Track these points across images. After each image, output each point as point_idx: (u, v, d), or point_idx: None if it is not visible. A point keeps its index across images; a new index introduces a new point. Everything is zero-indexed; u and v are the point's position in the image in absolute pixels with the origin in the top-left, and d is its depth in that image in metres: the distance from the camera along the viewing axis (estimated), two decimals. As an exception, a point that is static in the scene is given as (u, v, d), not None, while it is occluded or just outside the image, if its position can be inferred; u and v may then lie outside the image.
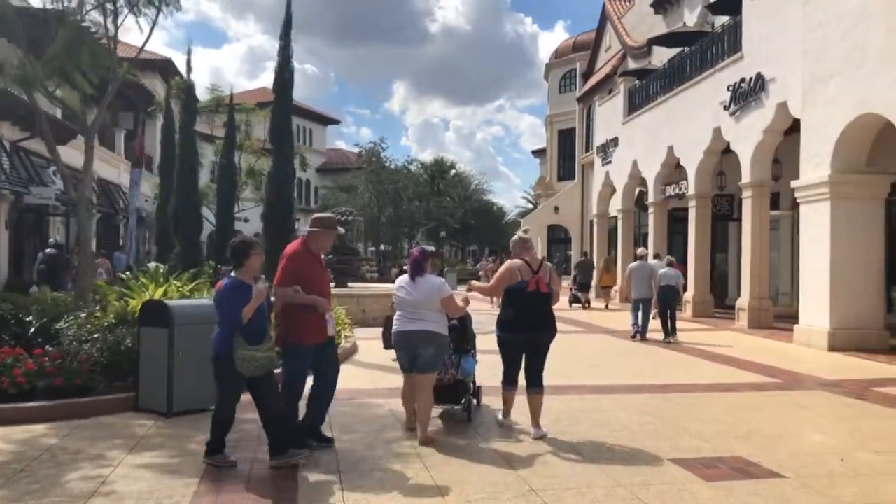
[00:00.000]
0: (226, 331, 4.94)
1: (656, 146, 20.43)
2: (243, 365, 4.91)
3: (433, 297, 5.75)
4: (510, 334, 6.02)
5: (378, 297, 15.20)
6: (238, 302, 4.88)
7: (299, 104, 66.09)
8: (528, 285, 5.93)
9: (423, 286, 5.77)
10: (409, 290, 5.81)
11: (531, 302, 5.94)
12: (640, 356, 11.09)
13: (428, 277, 5.85)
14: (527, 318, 5.95)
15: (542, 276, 6.01)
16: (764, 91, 14.72)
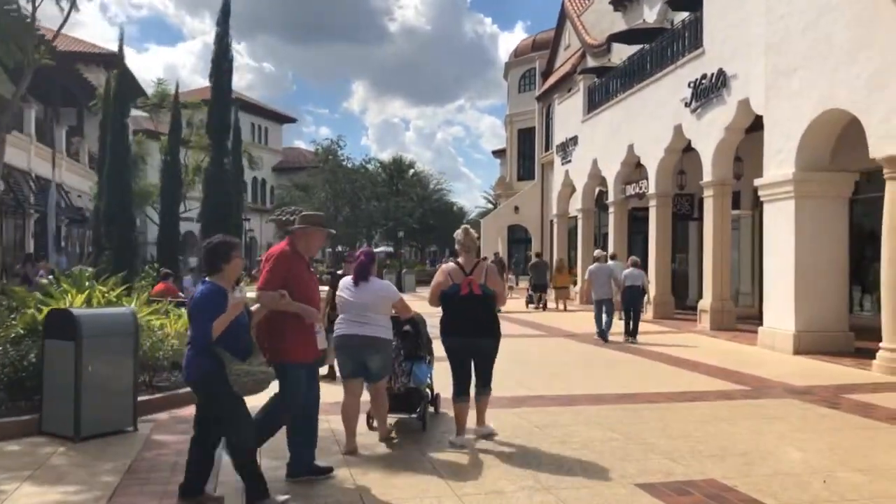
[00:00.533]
0: (198, 345, 4.16)
1: (616, 145, 20.06)
2: (239, 381, 4.16)
3: (381, 300, 5.52)
4: (447, 338, 5.81)
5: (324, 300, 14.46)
6: (216, 313, 4.12)
7: (255, 102, 65.07)
8: (460, 289, 5.66)
9: (370, 288, 5.51)
10: (353, 291, 5.53)
11: (465, 306, 5.66)
12: (602, 362, 10.58)
13: (374, 280, 5.59)
14: (461, 322, 5.68)
15: (475, 278, 5.70)
16: (726, 87, 14.39)
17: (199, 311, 4.15)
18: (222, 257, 4.27)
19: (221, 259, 4.27)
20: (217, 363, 4.10)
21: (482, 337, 5.72)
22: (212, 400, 4.25)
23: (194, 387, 4.32)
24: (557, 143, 25.92)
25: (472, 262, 5.82)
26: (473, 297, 5.66)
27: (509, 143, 41.18)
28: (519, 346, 11.66)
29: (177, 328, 8.78)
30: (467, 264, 5.78)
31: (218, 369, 4.10)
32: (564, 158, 24.97)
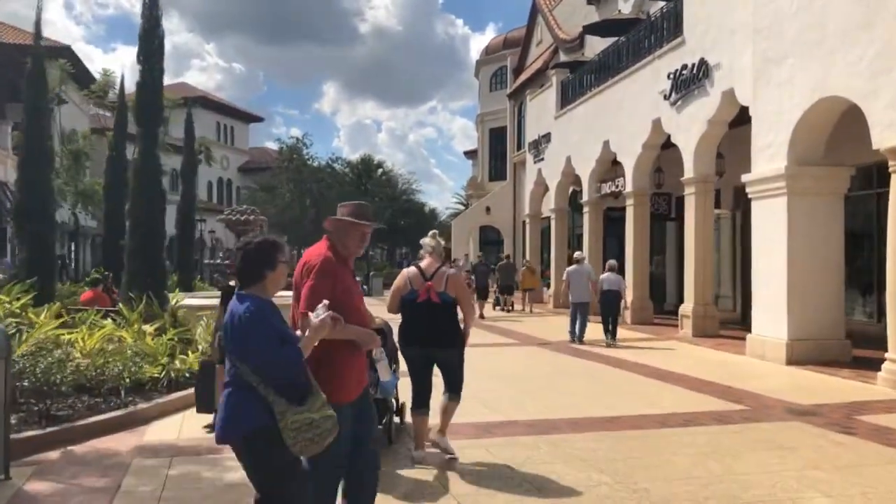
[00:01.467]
0: (271, 386, 2.95)
1: (591, 141, 19.13)
2: (300, 438, 2.95)
3: None
4: (405, 347, 5.49)
5: (284, 309, 13.24)
6: (275, 337, 2.97)
7: (219, 100, 63.40)
8: (418, 295, 5.32)
9: None
10: None
11: (422, 313, 5.32)
12: (581, 376, 9.54)
13: None
14: (418, 330, 5.36)
15: (436, 283, 5.32)
16: (708, 78, 13.49)
17: (252, 338, 2.94)
18: (267, 262, 3.11)
19: (265, 264, 3.11)
20: (270, 412, 2.94)
21: (441, 348, 5.38)
22: (260, 468, 3.03)
23: (238, 448, 3.05)
24: (530, 140, 24.95)
25: (434, 267, 5.40)
26: (431, 305, 5.28)
27: (481, 142, 40.23)
28: (488, 358, 10.61)
29: (91, 344, 7.57)
30: (428, 269, 5.38)
31: (272, 421, 2.93)
32: (537, 156, 24.01)
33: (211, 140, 58.13)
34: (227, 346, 3.06)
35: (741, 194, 16.34)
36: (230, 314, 3.04)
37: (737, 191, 16.37)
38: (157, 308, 9.07)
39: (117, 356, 7.53)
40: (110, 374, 7.05)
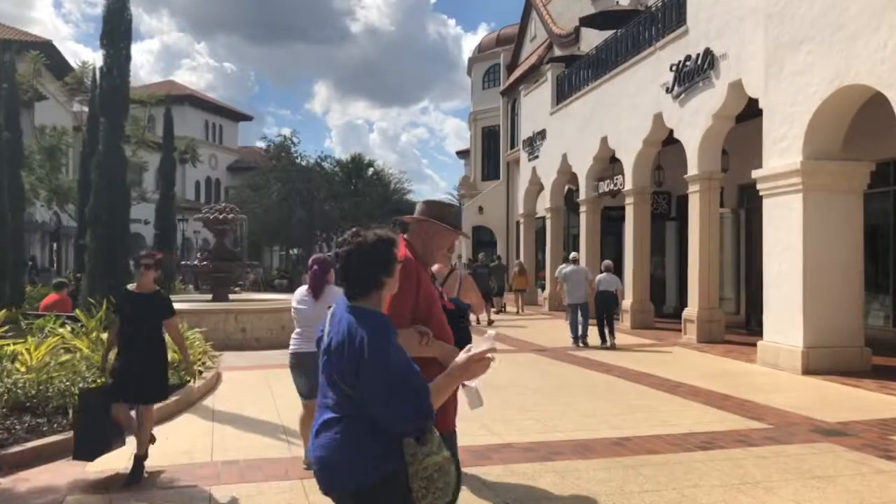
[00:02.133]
0: (406, 420, 2.25)
1: (588, 137, 18.40)
2: (432, 487, 2.27)
3: None
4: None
5: (262, 313, 12.47)
6: (409, 375, 2.27)
7: (208, 98, 62.44)
8: None
9: (328, 298, 5.00)
10: (309, 302, 5.20)
11: None
12: (583, 388, 8.78)
13: (331, 289, 5.16)
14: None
15: (449, 288, 4.83)
16: (713, 69, 12.77)
17: (382, 375, 2.23)
18: (385, 265, 2.41)
19: (383, 267, 2.41)
20: (399, 453, 2.26)
21: None
22: None
23: (354, 501, 2.32)
24: (524, 137, 24.21)
25: (447, 270, 5.03)
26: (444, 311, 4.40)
27: (473, 141, 39.54)
28: (482, 367, 9.82)
29: (38, 356, 6.77)
30: (440, 273, 4.89)
31: (401, 466, 2.26)
32: (531, 154, 23.27)
33: (199, 139, 57.43)
34: (331, 370, 2.34)
35: (746, 192, 15.70)
36: (346, 335, 2.28)
37: (741, 189, 15.70)
38: (119, 315, 8.25)
39: (67, 370, 6.72)
40: (55, 391, 6.24)
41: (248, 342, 12.12)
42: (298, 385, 5.26)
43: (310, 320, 5.05)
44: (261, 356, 11.19)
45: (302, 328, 5.19)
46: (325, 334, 2.39)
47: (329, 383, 2.35)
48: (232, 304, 12.60)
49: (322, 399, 2.38)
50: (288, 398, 7.69)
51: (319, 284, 5.18)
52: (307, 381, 5.09)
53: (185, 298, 14.45)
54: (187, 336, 8.95)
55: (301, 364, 5.14)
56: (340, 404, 2.30)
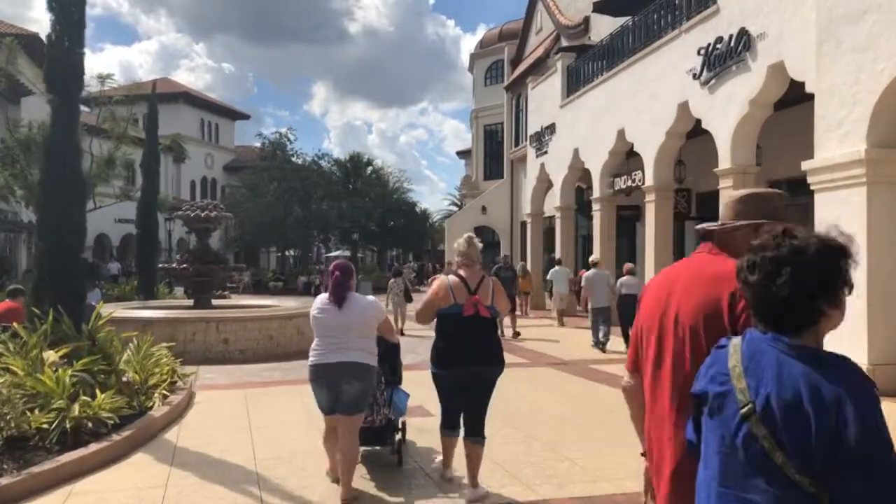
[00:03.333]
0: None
1: (603, 130, 17.12)
2: None
3: (364, 320, 4.74)
4: (444, 369, 4.83)
5: (247, 322, 11.16)
6: None
7: (204, 96, 61.13)
8: (463, 309, 4.72)
9: (351, 306, 4.70)
10: (331, 311, 4.72)
11: (469, 330, 4.73)
12: (620, 416, 7.47)
13: (354, 296, 4.79)
14: (463, 349, 4.73)
15: (482, 296, 4.77)
16: (750, 51, 11.49)
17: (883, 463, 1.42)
18: (829, 287, 1.58)
19: (826, 292, 1.57)
20: None
21: (487, 365, 4.80)
22: None
23: None
24: (531, 132, 22.91)
25: (478, 276, 4.84)
26: (479, 320, 4.74)
27: (475, 139, 38.31)
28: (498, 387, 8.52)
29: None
30: (472, 279, 4.80)
31: None
32: (539, 150, 21.98)
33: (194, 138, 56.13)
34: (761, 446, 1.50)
35: (777, 188, 14.41)
36: (807, 395, 1.46)
37: (770, 186, 14.38)
38: (70, 327, 6.96)
39: (-10, 398, 5.42)
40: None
41: (231, 355, 10.82)
42: (320, 399, 4.83)
43: (332, 330, 4.68)
44: (244, 372, 9.90)
45: (322, 338, 4.74)
46: (734, 383, 1.57)
47: (752, 466, 1.51)
48: (212, 312, 11.28)
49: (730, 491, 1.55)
50: (268, 431, 6.40)
51: (342, 292, 4.70)
52: (329, 395, 4.72)
53: (162, 305, 13.16)
54: (150, 353, 7.66)
55: (323, 376, 4.71)
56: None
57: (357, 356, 4.63)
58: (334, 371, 4.62)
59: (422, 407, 7.31)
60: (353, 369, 4.61)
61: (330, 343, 4.66)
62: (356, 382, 4.62)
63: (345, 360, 4.59)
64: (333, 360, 4.62)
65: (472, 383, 4.78)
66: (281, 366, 10.40)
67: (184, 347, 10.68)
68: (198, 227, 12.07)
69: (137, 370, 7.07)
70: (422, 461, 5.57)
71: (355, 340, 4.65)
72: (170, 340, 10.50)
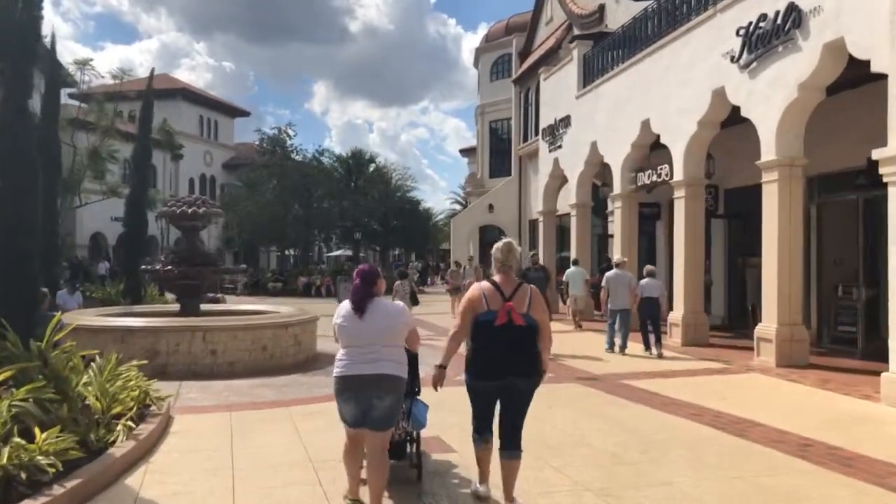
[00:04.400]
0: None
1: (625, 122, 15.91)
2: None
3: (393, 329, 4.46)
4: (477, 380, 4.53)
5: (238, 331, 9.94)
6: None
7: (202, 92, 59.92)
8: (496, 317, 4.42)
9: (378, 314, 4.42)
10: (357, 319, 4.39)
11: (502, 338, 4.41)
12: (675, 448, 6.24)
13: (380, 303, 4.47)
14: (497, 359, 4.44)
15: (517, 303, 4.46)
16: (800, 28, 10.28)
17: None
18: None
19: None
20: None
21: (523, 376, 4.46)
22: None
23: None
24: (544, 126, 21.67)
25: (513, 283, 4.56)
26: (513, 328, 4.42)
27: (480, 136, 37.14)
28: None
29: None
30: (506, 286, 4.53)
31: None
32: (553, 144, 20.76)
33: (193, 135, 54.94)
34: None
35: (820, 183, 13.23)
36: None
37: (815, 180, 13.16)
38: (17, 343, 5.77)
39: None
40: None
41: (220, 368, 9.62)
42: (344, 412, 4.50)
43: (356, 339, 4.44)
44: (232, 390, 8.70)
45: (349, 348, 4.46)
46: None
47: None
48: (199, 320, 10.06)
49: None
50: (254, 475, 5.19)
51: (363, 301, 4.42)
52: (356, 408, 4.41)
53: (146, 310, 11.97)
54: (118, 372, 6.46)
55: (351, 389, 4.41)
56: None
57: (388, 367, 4.36)
58: (364, 384, 4.34)
59: (439, 439, 6.13)
60: (384, 382, 4.35)
61: (357, 353, 4.38)
62: (388, 396, 4.36)
63: (375, 372, 4.33)
64: (362, 371, 4.33)
65: (507, 395, 4.52)
66: (274, 382, 9.20)
67: (166, 360, 9.51)
68: (184, 224, 10.87)
69: (99, 396, 5.87)
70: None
71: (384, 350, 4.38)
72: (151, 352, 9.35)
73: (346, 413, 4.46)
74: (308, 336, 10.99)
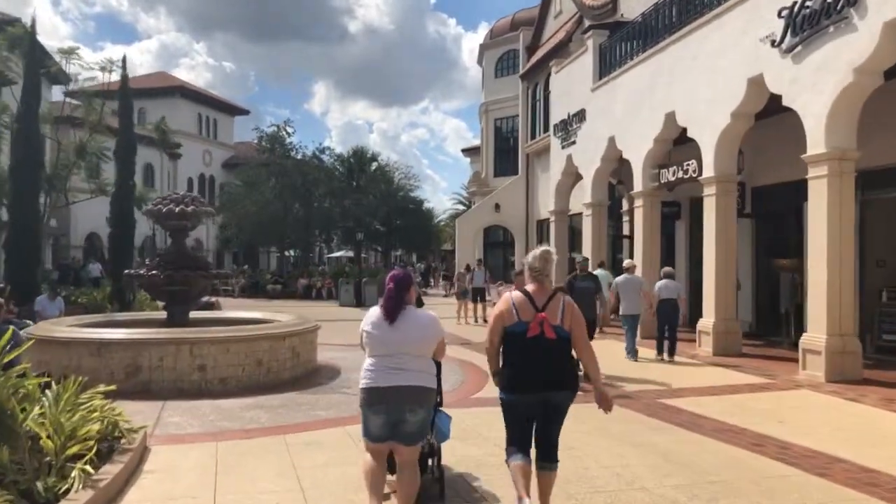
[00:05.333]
0: None
1: (647, 115, 14.88)
2: None
3: (424, 339, 4.29)
4: (510, 394, 4.30)
5: (230, 344, 8.90)
6: None
7: (201, 90, 58.82)
8: (528, 328, 4.18)
9: (409, 323, 4.24)
10: (387, 327, 4.21)
11: (534, 352, 4.18)
12: (743, 492, 5.21)
13: (412, 311, 4.29)
14: (529, 373, 4.21)
15: (551, 314, 4.21)
16: (855, 6, 9.24)
17: None
18: None
19: None
20: None
21: (558, 390, 4.23)
22: None
23: None
24: (556, 121, 20.62)
25: (547, 293, 4.28)
26: (545, 341, 4.16)
27: (485, 134, 36.11)
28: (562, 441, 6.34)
29: None
30: (539, 296, 4.25)
31: None
32: (566, 140, 19.71)
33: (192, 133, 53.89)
34: None
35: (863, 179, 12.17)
36: None
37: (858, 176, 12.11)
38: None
39: None
40: None
41: (209, 385, 8.59)
42: (370, 426, 4.22)
43: (384, 348, 4.19)
44: (222, 411, 7.67)
45: (377, 358, 4.21)
46: None
47: None
48: (186, 331, 8.96)
49: None
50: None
51: (395, 307, 4.22)
52: (386, 423, 4.15)
53: (130, 319, 10.92)
54: (80, 400, 5.42)
55: (380, 402, 4.15)
56: None
57: (419, 379, 4.20)
58: (394, 397, 4.16)
59: (469, 481, 5.12)
60: (415, 395, 4.19)
61: (386, 363, 4.19)
62: (420, 409, 4.22)
63: (406, 384, 4.15)
64: (391, 383, 4.15)
65: (541, 410, 4.30)
66: (270, 401, 8.17)
67: (149, 376, 8.48)
68: (171, 224, 9.83)
69: (52, 432, 4.84)
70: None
71: (414, 361, 4.21)
72: (132, 368, 8.33)
73: (372, 426, 4.23)
74: (307, 347, 9.96)
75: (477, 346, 12.79)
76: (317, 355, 10.53)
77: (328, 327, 16.45)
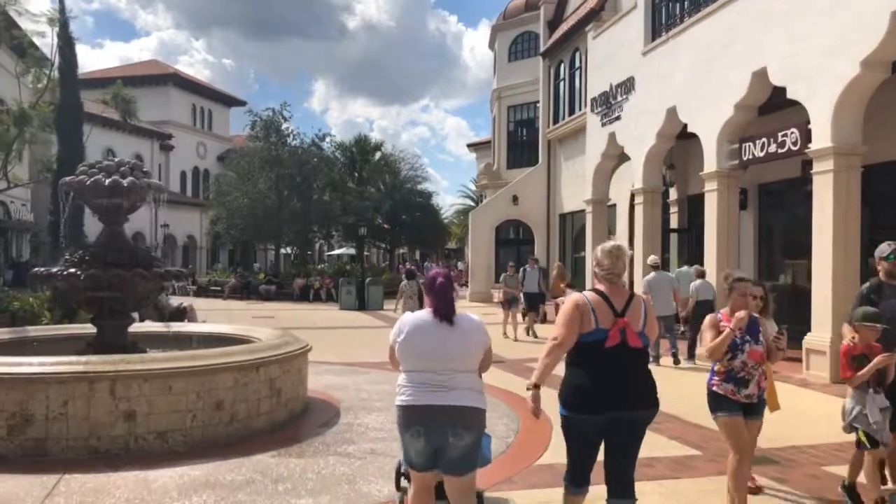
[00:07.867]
0: None
1: (723, 76, 11.91)
2: None
3: (471, 348, 3.59)
4: (581, 413, 3.59)
5: (173, 378, 5.89)
6: None
7: (195, 80, 55.91)
8: (607, 337, 3.55)
9: (457, 329, 3.55)
10: (432, 335, 3.54)
11: (613, 363, 3.56)
12: None
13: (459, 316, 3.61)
14: (607, 388, 3.54)
15: (632, 320, 3.61)
16: None
17: None
18: None
19: None
20: None
21: (636, 409, 3.58)
22: None
23: None
24: (594, 94, 17.62)
25: (624, 295, 3.67)
26: (627, 351, 3.57)
27: (497, 123, 33.21)
28: None
29: None
30: (617, 298, 3.62)
31: None
32: (607, 116, 16.73)
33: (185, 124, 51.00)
34: None
35: None
36: None
37: None
38: None
39: None
40: None
41: (141, 443, 5.63)
42: (411, 453, 3.57)
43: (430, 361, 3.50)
44: (148, 499, 4.71)
45: (417, 372, 3.52)
46: None
47: None
48: (106, 360, 5.83)
49: None
50: None
51: (451, 307, 3.55)
52: (428, 448, 3.49)
53: (46, 334, 7.89)
54: None
55: (421, 424, 3.48)
56: None
57: (467, 398, 3.49)
58: (437, 418, 3.45)
59: None
60: (463, 416, 3.47)
61: (429, 378, 3.49)
62: (467, 433, 3.47)
63: (452, 403, 3.46)
64: (434, 402, 3.46)
65: (616, 431, 3.59)
66: (230, 473, 5.21)
67: (45, 431, 5.51)
68: (99, 203, 6.88)
69: None
70: None
71: (461, 376, 3.51)
72: (19, 418, 5.39)
73: (413, 453, 3.58)
74: (293, 379, 6.95)
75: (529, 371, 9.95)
76: (306, 386, 7.57)
77: (325, 337, 13.51)
